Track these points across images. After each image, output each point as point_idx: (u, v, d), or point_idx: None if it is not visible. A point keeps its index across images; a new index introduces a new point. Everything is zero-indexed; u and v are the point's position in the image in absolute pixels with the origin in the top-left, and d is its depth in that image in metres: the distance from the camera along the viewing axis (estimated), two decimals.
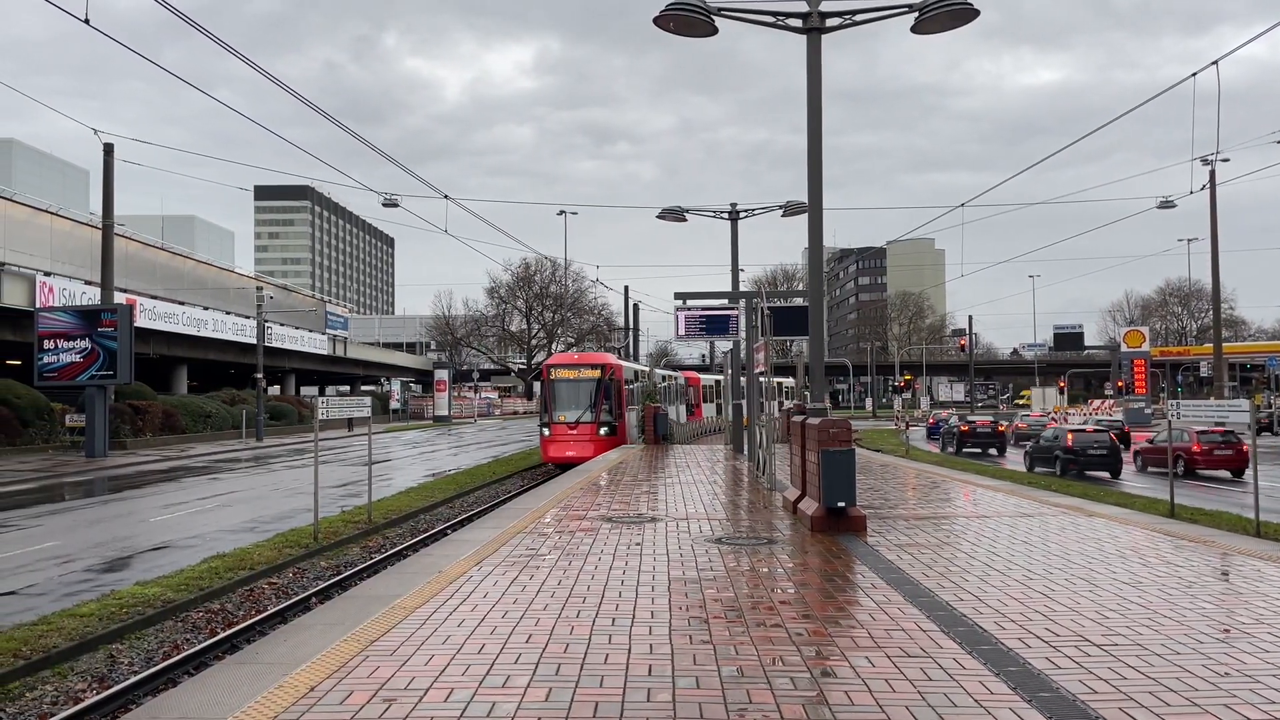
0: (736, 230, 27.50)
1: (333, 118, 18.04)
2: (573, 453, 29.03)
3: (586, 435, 29.86)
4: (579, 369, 31.40)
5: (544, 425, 30.89)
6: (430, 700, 5.19)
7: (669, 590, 8.01)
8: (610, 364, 31.90)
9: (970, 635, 6.47)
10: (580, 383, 30.69)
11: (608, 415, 30.49)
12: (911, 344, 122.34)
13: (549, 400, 30.93)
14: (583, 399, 30.41)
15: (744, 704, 5.10)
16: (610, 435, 30.35)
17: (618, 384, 31.40)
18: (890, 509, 13.67)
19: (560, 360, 34.12)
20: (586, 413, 30.23)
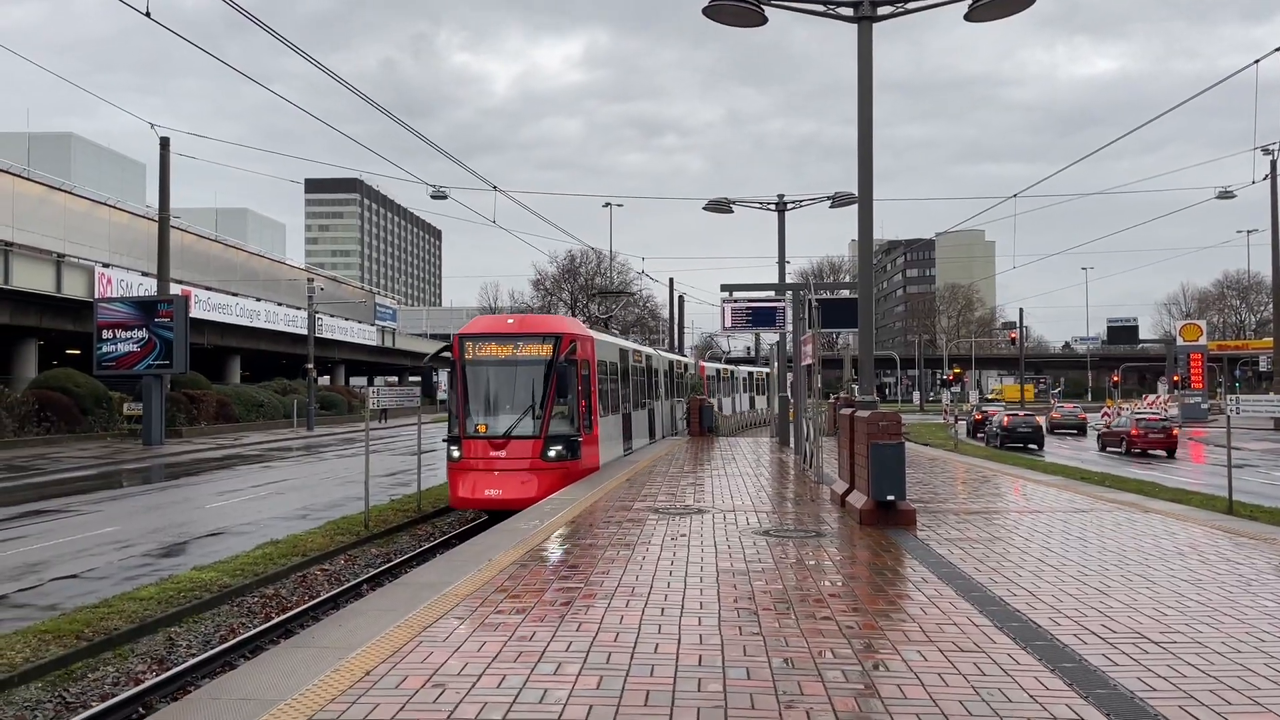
0: (783, 222, 27.34)
1: (387, 110, 18.26)
2: (497, 491, 16.47)
3: (523, 460, 16.80)
4: (515, 343, 17.63)
5: (451, 441, 17.25)
6: (483, 686, 5.24)
7: (717, 581, 8.01)
8: (570, 333, 17.95)
9: (1024, 631, 6.39)
10: (516, 366, 17.50)
11: (564, 423, 17.30)
12: (960, 337, 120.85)
13: (461, 397, 17.38)
14: (519, 394, 17.40)
15: (795, 695, 5.08)
16: (565, 459, 17.01)
17: (582, 369, 18.01)
18: (940, 503, 13.53)
19: (484, 328, 18.57)
20: (524, 419, 17.09)
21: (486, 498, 16.47)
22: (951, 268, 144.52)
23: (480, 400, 17.32)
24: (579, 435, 17.27)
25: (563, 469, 16.74)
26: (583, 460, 17.45)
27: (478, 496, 16.50)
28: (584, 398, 17.73)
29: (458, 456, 16.86)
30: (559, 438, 16.90)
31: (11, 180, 43.30)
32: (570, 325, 19.12)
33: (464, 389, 17.23)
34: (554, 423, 16.95)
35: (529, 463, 16.59)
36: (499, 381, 17.42)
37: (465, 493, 16.60)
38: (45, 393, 38.87)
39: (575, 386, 17.46)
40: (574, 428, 17.27)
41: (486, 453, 16.68)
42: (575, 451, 17.14)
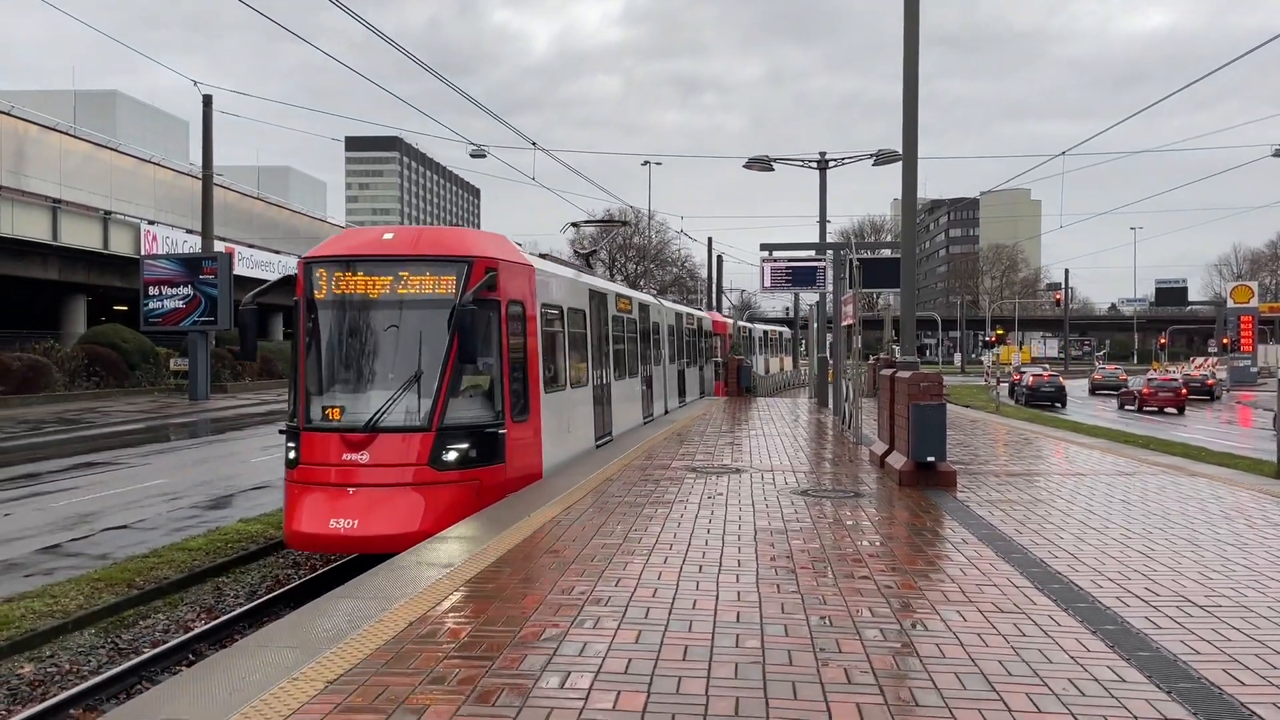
0: (825, 180, 27.01)
1: (428, 66, 18.18)
2: (351, 522, 9.67)
3: (400, 468, 10.08)
4: (395, 271, 10.59)
5: (291, 439, 10.48)
6: (522, 638, 5.31)
7: (755, 540, 8.02)
8: (486, 258, 10.86)
9: (1065, 593, 6.34)
10: (397, 311, 10.66)
11: (474, 404, 10.76)
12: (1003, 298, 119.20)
13: (304, 362, 10.69)
14: (399, 357, 10.61)
15: (833, 653, 5.10)
16: (476, 464, 10.33)
17: (511, 316, 11.12)
18: (981, 465, 13.43)
19: (345, 248, 11.22)
20: (403, 398, 10.25)
21: (334, 534, 9.52)
22: (996, 228, 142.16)
23: (333, 366, 10.58)
24: (500, 425, 10.52)
25: (471, 482, 10.12)
26: (510, 464, 10.66)
27: (321, 531, 9.56)
28: (515, 363, 10.91)
29: (295, 459, 10.17)
30: (463, 430, 10.18)
31: (59, 138, 43.91)
32: (492, 245, 11.30)
33: (309, 347, 10.53)
34: (456, 404, 10.22)
35: (411, 472, 9.87)
36: (366, 335, 10.57)
37: (304, 524, 9.66)
38: (94, 348, 39.63)
39: (498, 344, 10.58)
40: (493, 412, 10.56)
41: (339, 454, 9.88)
42: (494, 451, 10.42)
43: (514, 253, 11.86)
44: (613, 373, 16.79)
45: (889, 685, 4.62)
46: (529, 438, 11.34)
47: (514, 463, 10.80)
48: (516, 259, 11.69)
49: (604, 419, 15.83)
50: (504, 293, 10.79)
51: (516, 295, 11.22)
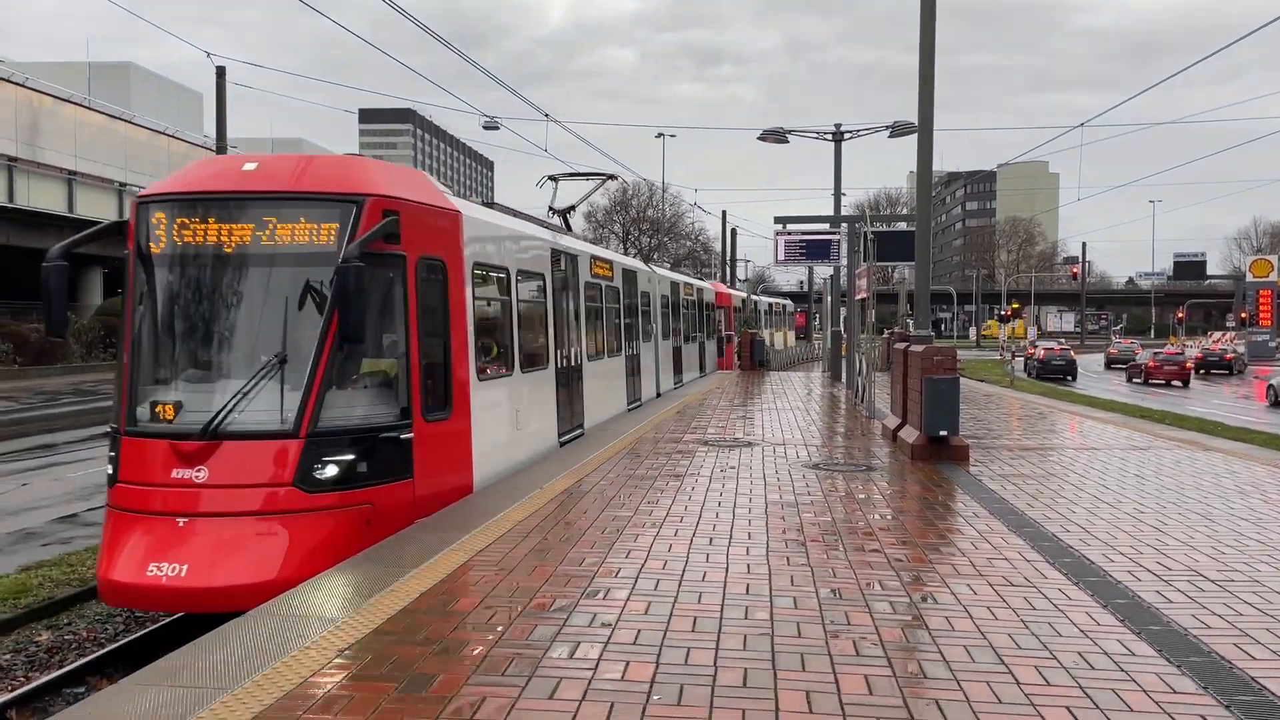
0: (840, 152, 26.80)
1: (443, 38, 18.06)
2: (178, 568, 6.67)
3: (251, 491, 7.10)
4: (255, 213, 7.62)
5: (111, 448, 7.61)
6: (532, 609, 5.34)
7: (766, 513, 8.03)
8: (382, 196, 7.83)
9: (1077, 567, 6.33)
10: (265, 270, 7.72)
11: (365, 398, 7.82)
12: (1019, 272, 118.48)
13: (131, 337, 7.85)
14: (259, 333, 7.68)
15: (842, 625, 5.10)
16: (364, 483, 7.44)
17: (422, 277, 8.19)
18: (994, 439, 13.38)
19: (191, 183, 7.99)
20: (260, 389, 7.29)
21: (154, 584, 6.74)
22: (1012, 200, 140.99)
23: (167, 346, 7.87)
24: (404, 425, 7.81)
25: (358, 507, 7.39)
26: (421, 479, 7.94)
27: (137, 581, 6.80)
28: (429, 341, 8.24)
29: (114, 476, 7.49)
30: (348, 434, 7.45)
31: (74, 110, 43.94)
32: (398, 182, 8.39)
33: (139, 319, 7.86)
34: (337, 398, 7.48)
35: (267, 495, 7.16)
36: (215, 303, 7.74)
37: (117, 569, 6.94)
38: (111, 319, 39.80)
39: (403, 315, 7.94)
40: (395, 407, 7.85)
41: (168, 470, 7.15)
42: (395, 462, 7.72)
43: (432, 193, 8.83)
44: (585, 351, 14.04)
45: (898, 658, 4.63)
46: (451, 441, 8.43)
47: (427, 476, 7.92)
48: (435, 201, 8.73)
49: (573, 408, 13.12)
50: (413, 245, 7.97)
51: (434, 250, 8.38)
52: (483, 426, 9.17)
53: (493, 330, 10.25)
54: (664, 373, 21.53)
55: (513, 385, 10.44)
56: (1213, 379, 49.84)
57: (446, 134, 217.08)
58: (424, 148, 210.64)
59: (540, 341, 11.98)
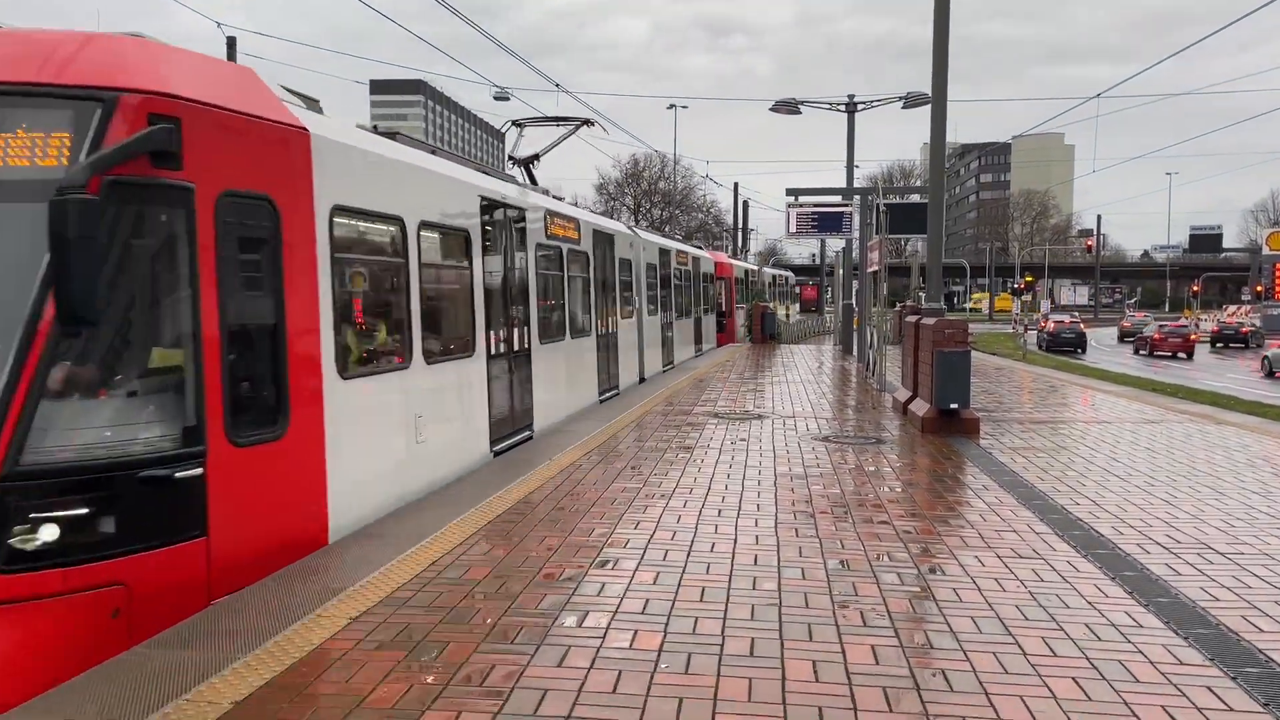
0: (853, 124, 26.59)
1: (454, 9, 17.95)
2: None
3: None
4: None
5: None
6: (542, 577, 5.38)
7: (775, 485, 8.05)
8: (155, 94, 5.04)
9: (1085, 539, 6.33)
10: None
11: (132, 414, 5.00)
12: (1033, 245, 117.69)
13: None
14: None
15: (850, 596, 5.13)
16: (114, 550, 4.71)
17: (236, 220, 5.50)
18: (1005, 412, 13.36)
19: None
20: None
21: None
22: (1027, 172, 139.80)
23: None
24: (193, 455, 5.17)
25: (94, 591, 4.70)
26: (222, 534, 5.29)
27: None
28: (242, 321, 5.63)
29: None
30: (77, 473, 4.76)
31: None
32: (169, 71, 5.36)
33: None
34: (56, 412, 4.76)
35: None
36: None
37: None
38: None
39: (187, 281, 5.29)
40: (170, 426, 5.15)
41: None
42: (171, 515, 5.06)
43: (260, 99, 5.96)
44: (536, 332, 11.02)
45: (905, 628, 4.65)
46: (286, 471, 5.89)
47: (235, 530, 5.36)
48: (261, 111, 5.87)
49: (514, 407, 10.19)
50: (210, 172, 5.34)
51: (253, 182, 5.72)
52: (350, 445, 6.54)
53: (376, 305, 7.58)
54: (650, 354, 18.41)
55: (409, 382, 7.67)
56: (1228, 353, 49.60)
57: (458, 105, 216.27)
58: (435, 119, 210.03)
59: (461, 321, 8.95)
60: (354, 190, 6.86)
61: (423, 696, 3.83)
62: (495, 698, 3.82)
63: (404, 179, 7.83)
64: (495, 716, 3.66)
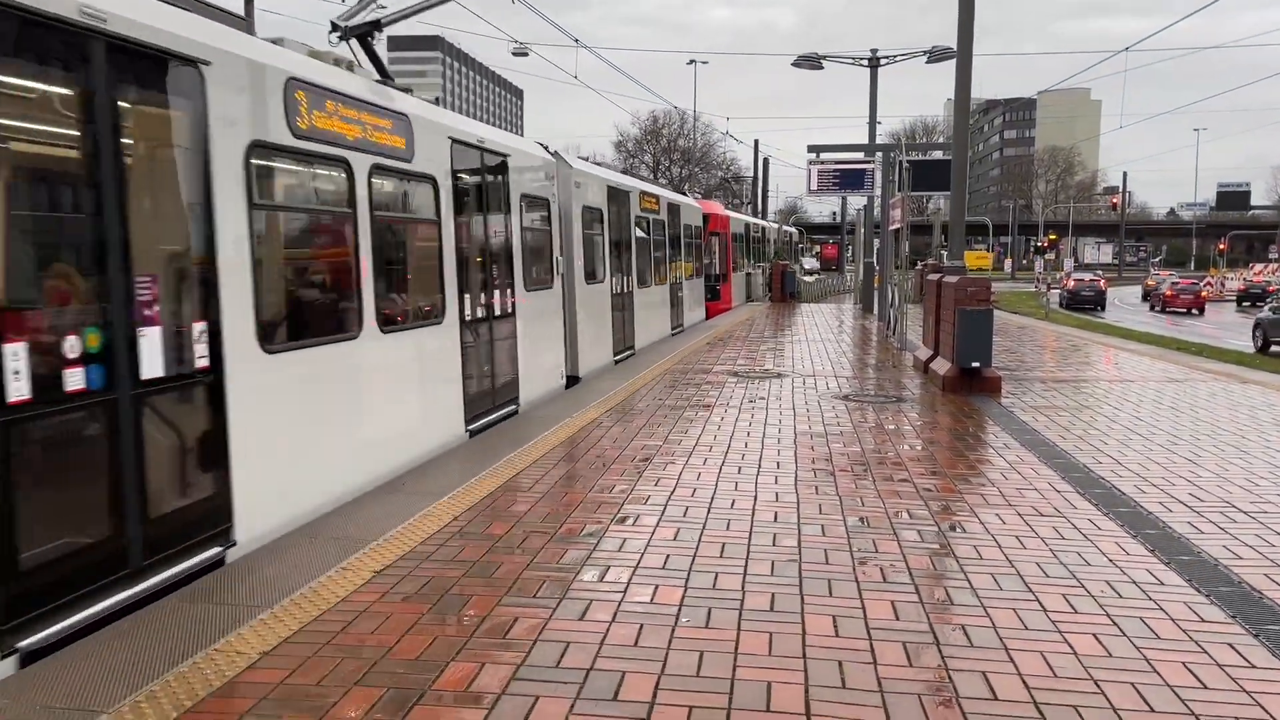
0: (876, 79, 26.24)
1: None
2: None
3: None
4: None
5: None
6: (563, 533, 5.42)
7: (795, 443, 8.05)
8: None
9: (1107, 498, 6.31)
10: None
11: None
12: (1058, 202, 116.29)
13: None
14: None
15: (869, 552, 5.14)
16: None
17: None
18: (1027, 371, 13.28)
19: None
20: None
21: None
22: (1052, 129, 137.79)
23: None
24: None
25: None
26: None
27: None
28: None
29: None
30: None
31: None
32: None
33: None
34: None
35: None
36: None
37: None
38: None
39: None
40: None
41: None
42: None
43: None
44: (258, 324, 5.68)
45: (925, 585, 4.66)
46: None
47: None
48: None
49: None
50: None
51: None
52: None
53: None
54: (586, 341, 12.66)
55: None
56: (1254, 311, 49.10)
57: (475, 62, 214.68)
58: (453, 76, 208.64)
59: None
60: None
61: (447, 648, 3.88)
62: (518, 650, 3.87)
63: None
64: (518, 668, 3.71)
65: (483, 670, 3.69)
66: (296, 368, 5.90)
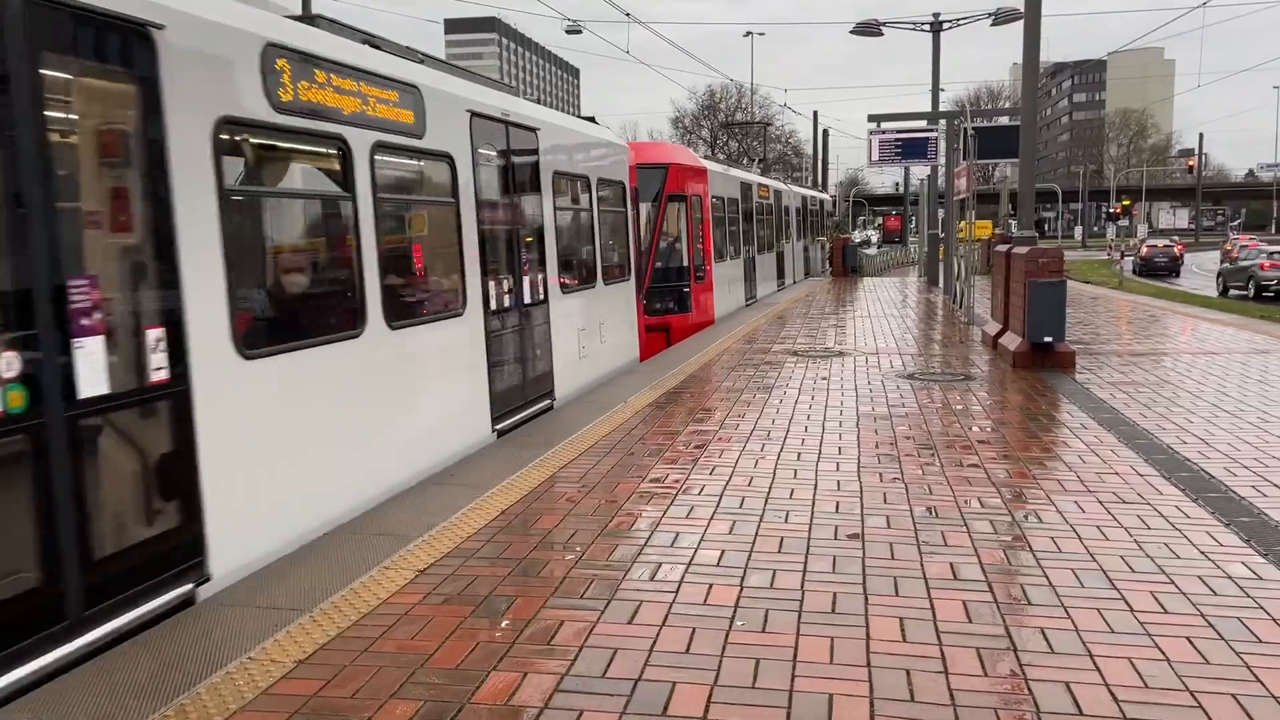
0: (938, 44, 25.43)
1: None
2: None
3: None
4: None
5: None
6: (613, 526, 5.20)
7: (857, 426, 7.73)
8: None
9: (1195, 481, 5.90)
10: None
11: None
12: (1130, 167, 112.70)
13: None
14: None
15: (938, 546, 4.83)
16: None
17: None
18: (1102, 344, 12.72)
19: None
20: None
21: None
22: (1123, 91, 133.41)
23: None
24: None
25: None
26: None
27: None
28: None
29: None
30: None
31: None
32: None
33: None
34: None
35: None
36: None
37: None
38: None
39: None
40: None
41: None
42: None
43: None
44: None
45: (998, 581, 4.35)
46: None
47: None
48: None
49: None
50: None
51: None
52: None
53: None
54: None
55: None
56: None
57: (531, 42, 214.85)
58: (510, 56, 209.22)
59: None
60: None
61: (488, 656, 3.68)
62: (562, 657, 3.66)
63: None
64: (562, 678, 3.50)
65: (525, 680, 3.48)
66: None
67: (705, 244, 16.06)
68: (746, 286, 20.45)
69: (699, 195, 15.85)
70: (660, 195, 14.85)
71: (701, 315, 15.60)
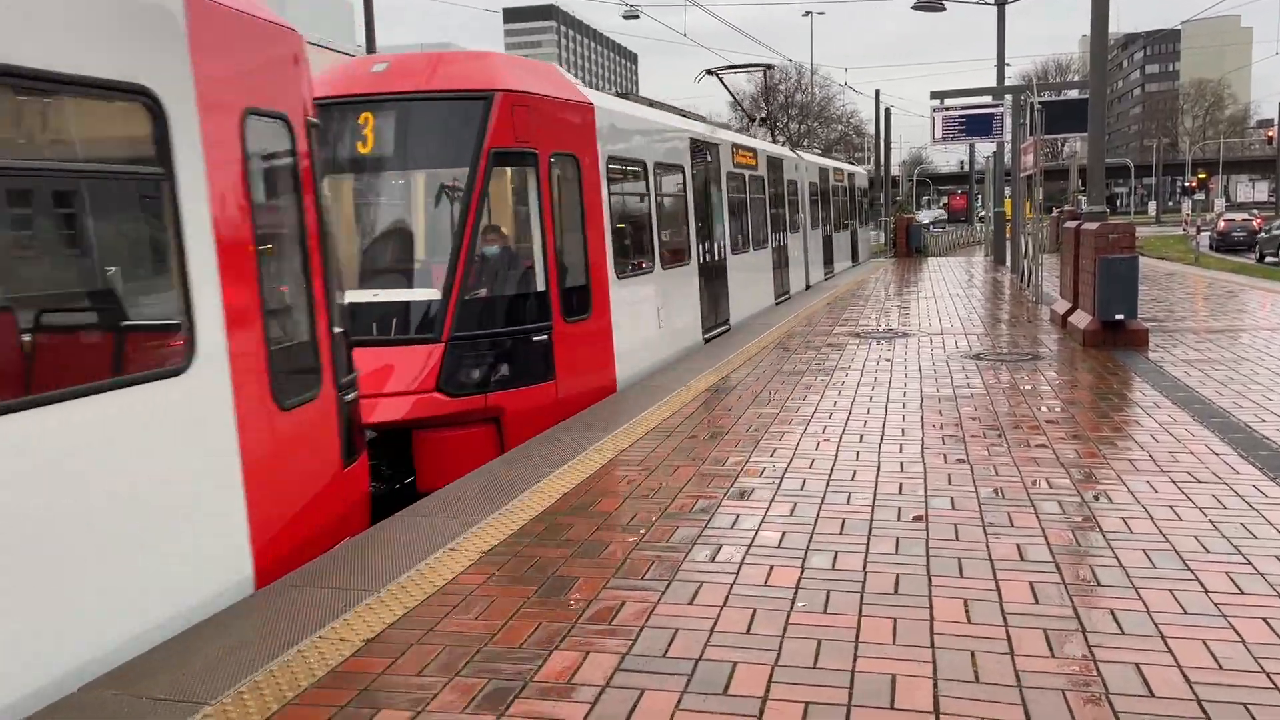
0: (1004, 16, 24.89)
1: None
2: None
3: None
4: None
5: None
6: (674, 508, 5.21)
7: (921, 407, 7.63)
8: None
9: (1273, 461, 5.72)
10: None
11: None
12: (1206, 139, 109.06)
13: None
14: None
15: (1004, 527, 4.76)
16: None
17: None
18: (1176, 322, 12.37)
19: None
20: None
21: None
22: (1198, 60, 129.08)
23: None
24: None
25: None
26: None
27: None
28: None
29: None
30: None
31: None
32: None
33: None
34: None
35: None
36: None
37: None
38: None
39: None
40: None
41: None
42: None
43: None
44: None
45: (1067, 563, 4.27)
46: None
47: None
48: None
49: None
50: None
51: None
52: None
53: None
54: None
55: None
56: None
57: (589, 28, 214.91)
58: (568, 44, 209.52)
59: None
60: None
61: (550, 636, 3.73)
62: (624, 637, 3.69)
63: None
64: (623, 657, 3.53)
65: (586, 660, 3.52)
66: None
67: (592, 247, 8.84)
68: (705, 312, 12.38)
69: (573, 155, 8.71)
70: (477, 156, 7.70)
71: (577, 383, 8.39)
